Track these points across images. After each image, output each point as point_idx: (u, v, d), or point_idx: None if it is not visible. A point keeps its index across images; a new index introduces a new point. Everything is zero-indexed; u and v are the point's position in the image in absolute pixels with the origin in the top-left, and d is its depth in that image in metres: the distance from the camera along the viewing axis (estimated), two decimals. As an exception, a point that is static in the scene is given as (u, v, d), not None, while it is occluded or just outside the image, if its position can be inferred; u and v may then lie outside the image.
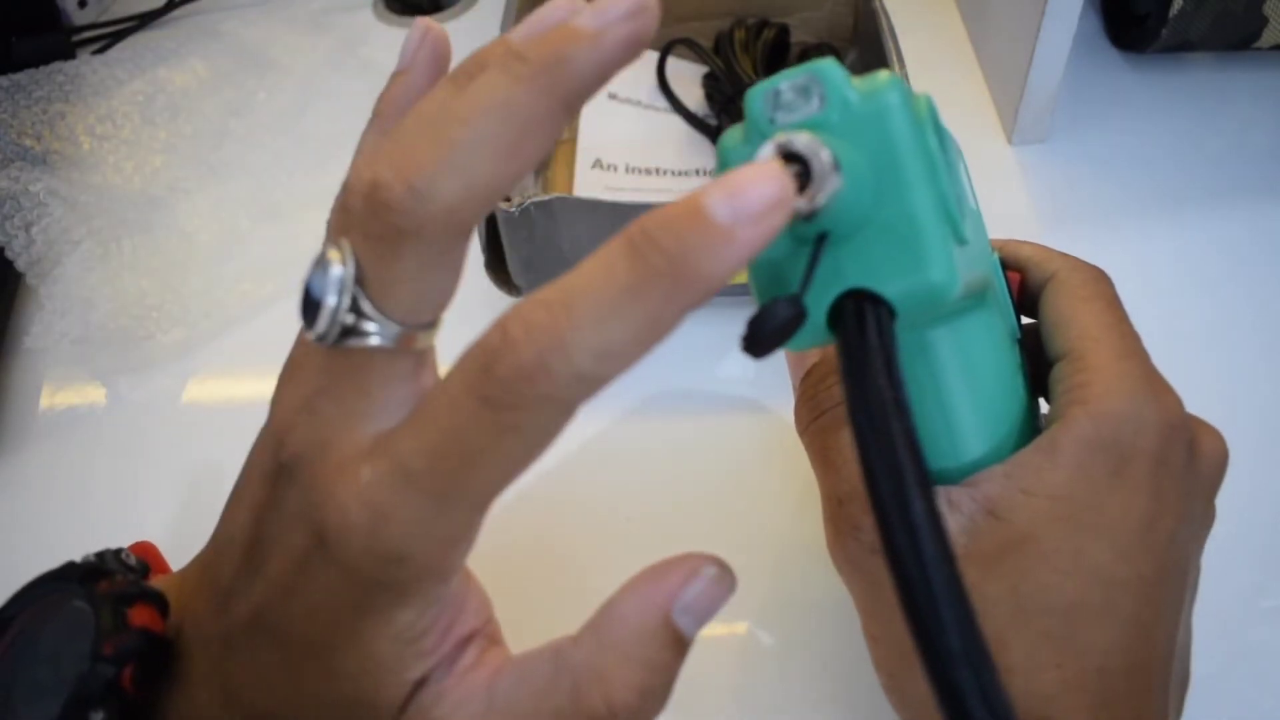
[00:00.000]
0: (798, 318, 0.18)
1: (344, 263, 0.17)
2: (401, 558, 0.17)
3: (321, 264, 0.17)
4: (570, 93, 0.17)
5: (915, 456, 0.16)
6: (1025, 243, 0.28)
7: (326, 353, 0.18)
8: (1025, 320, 0.28)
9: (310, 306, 0.17)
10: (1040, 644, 0.23)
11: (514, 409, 0.16)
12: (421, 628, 0.19)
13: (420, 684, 0.19)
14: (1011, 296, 0.27)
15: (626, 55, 0.17)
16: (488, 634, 0.21)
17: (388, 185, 0.17)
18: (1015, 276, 0.28)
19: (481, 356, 0.16)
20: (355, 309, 0.17)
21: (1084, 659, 0.22)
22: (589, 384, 0.16)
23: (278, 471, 0.19)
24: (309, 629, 0.19)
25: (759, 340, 0.17)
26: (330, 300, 0.17)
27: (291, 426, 0.19)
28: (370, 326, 0.17)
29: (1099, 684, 0.22)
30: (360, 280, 0.17)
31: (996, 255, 0.27)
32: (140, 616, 0.20)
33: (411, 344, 0.18)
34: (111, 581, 0.21)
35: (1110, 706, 0.22)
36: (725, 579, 0.20)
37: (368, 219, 0.17)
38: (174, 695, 0.21)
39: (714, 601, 0.20)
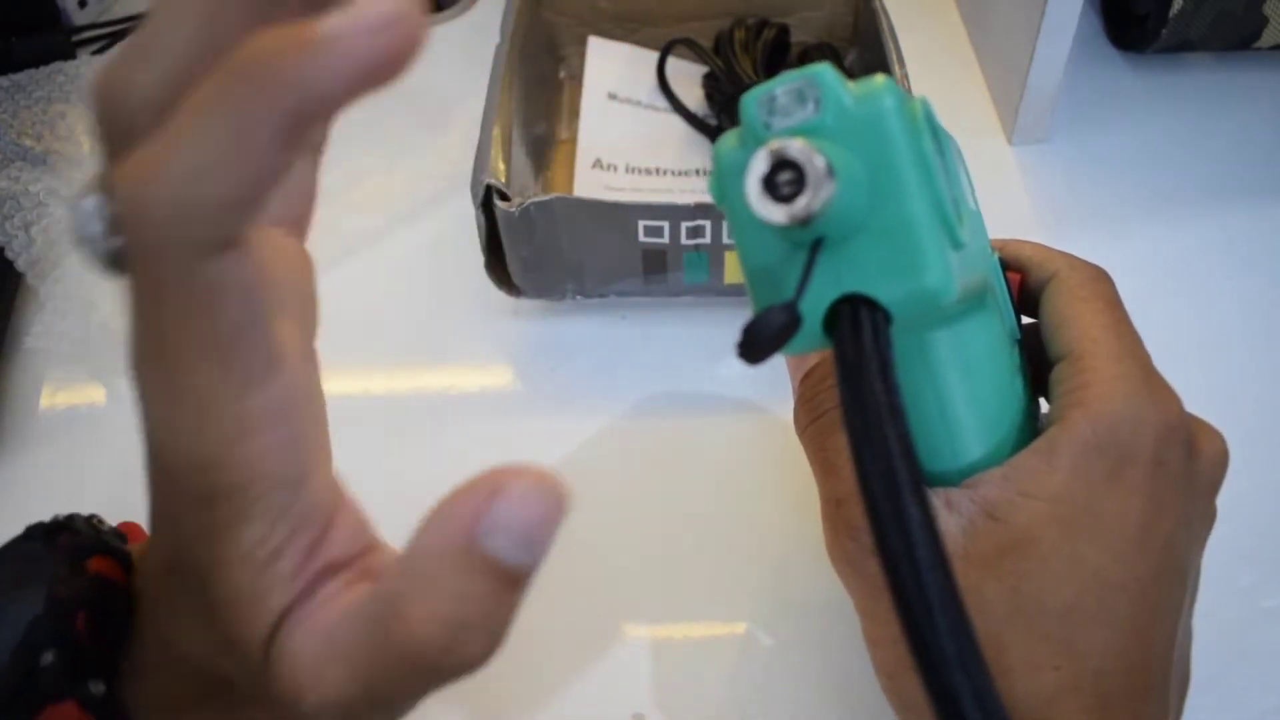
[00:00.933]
0: (792, 325, 0.18)
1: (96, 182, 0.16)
2: (207, 463, 0.16)
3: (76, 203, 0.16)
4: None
5: (910, 462, 0.16)
6: (1026, 243, 0.28)
7: None
8: (1026, 320, 0.28)
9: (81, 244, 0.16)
10: (1038, 646, 0.23)
11: (146, 260, 0.15)
12: (273, 546, 0.17)
13: (284, 617, 0.17)
14: (1011, 297, 0.27)
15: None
16: (363, 567, 0.19)
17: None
18: (1016, 277, 0.28)
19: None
20: (103, 216, 0.16)
21: (1082, 661, 0.22)
22: (195, 210, 0.14)
23: None
24: (189, 559, 0.17)
25: (754, 347, 0.17)
26: (86, 205, 0.16)
27: None
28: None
29: (1097, 686, 0.22)
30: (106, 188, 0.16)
31: (997, 256, 0.27)
32: (97, 565, 0.20)
33: None
34: (74, 535, 0.21)
35: (1109, 708, 0.22)
36: (545, 494, 0.16)
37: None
38: (127, 647, 0.21)
39: (536, 521, 0.16)
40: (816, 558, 0.35)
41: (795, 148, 0.17)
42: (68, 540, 0.21)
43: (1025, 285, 0.28)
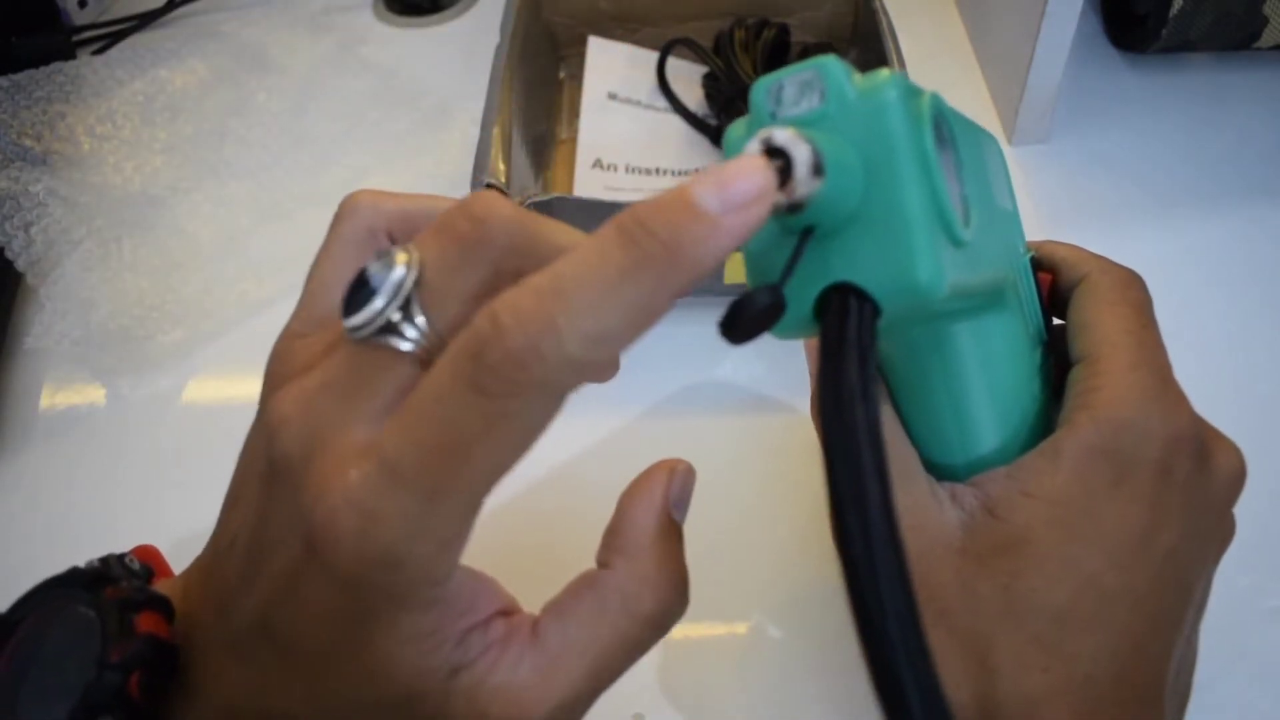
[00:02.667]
0: (775, 308, 0.18)
1: (409, 266, 0.18)
2: (393, 562, 0.17)
3: (387, 260, 0.18)
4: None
5: (875, 449, 0.16)
6: (1061, 244, 0.28)
7: (348, 346, 0.18)
8: (1056, 322, 0.28)
9: (359, 296, 0.17)
10: (1028, 646, 0.22)
11: (506, 396, 0.16)
12: (429, 628, 0.19)
13: (458, 667, 0.19)
14: (1040, 298, 0.27)
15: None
16: (506, 609, 0.21)
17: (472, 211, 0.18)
18: (1047, 278, 0.28)
19: (471, 344, 0.16)
20: (404, 308, 0.17)
21: (1072, 665, 0.22)
22: (580, 369, 0.16)
23: (269, 471, 0.19)
24: (315, 636, 0.18)
25: (736, 326, 0.17)
26: (381, 299, 0.17)
27: (284, 421, 0.18)
28: (410, 330, 0.18)
29: (1085, 691, 0.22)
30: (418, 283, 0.18)
31: (1030, 255, 0.27)
32: (147, 623, 0.20)
33: (435, 354, 0.18)
34: (117, 587, 0.21)
35: (1097, 715, 0.22)
36: (691, 472, 0.23)
37: (451, 225, 0.18)
38: (180, 702, 0.21)
39: (690, 492, 0.23)
40: (817, 553, 0.35)
41: (782, 136, 0.17)
42: (113, 594, 0.21)
43: (1056, 286, 0.27)
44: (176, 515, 0.39)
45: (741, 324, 0.17)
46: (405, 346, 0.18)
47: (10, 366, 0.44)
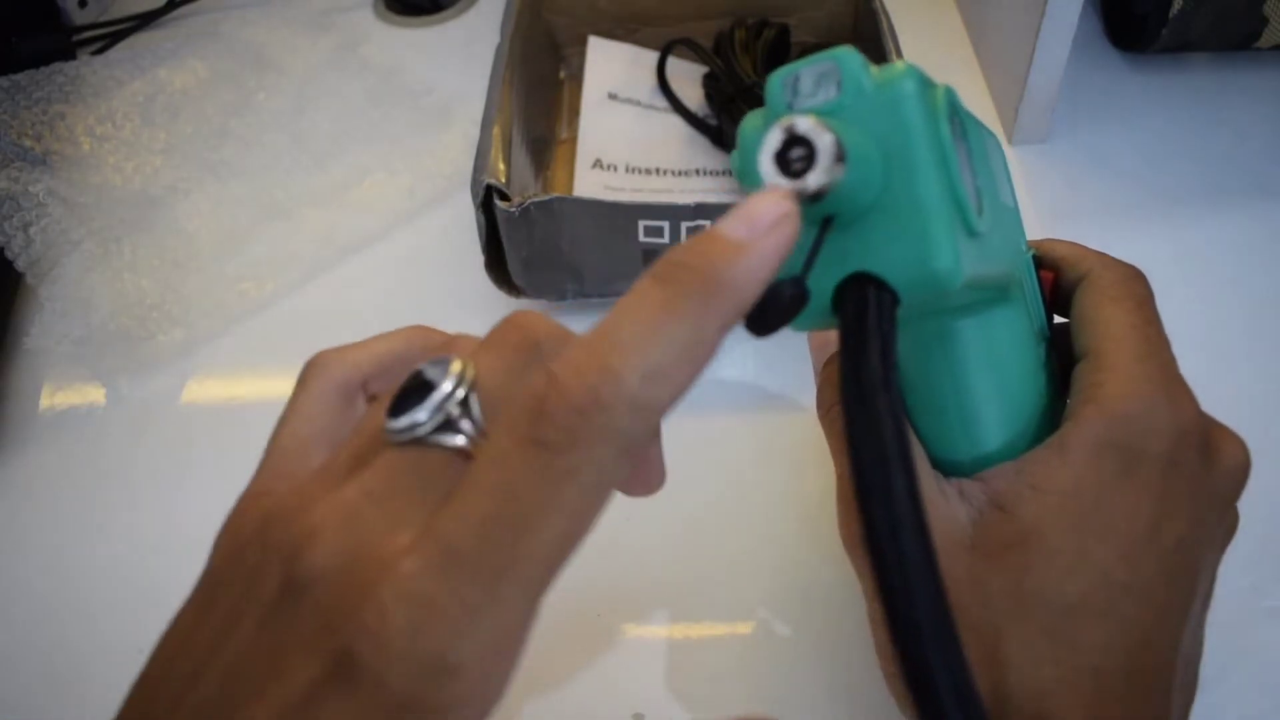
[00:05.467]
0: (798, 299, 0.18)
1: (465, 365, 0.18)
2: (448, 666, 0.15)
3: (443, 364, 0.18)
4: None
5: (900, 436, 0.16)
6: (1061, 242, 0.28)
7: (391, 452, 0.17)
8: (1059, 320, 0.28)
9: (414, 396, 0.17)
10: (1038, 639, 0.23)
11: (569, 448, 0.15)
12: None
13: None
14: (1043, 295, 0.27)
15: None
16: None
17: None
18: (1049, 275, 0.28)
19: (529, 402, 0.16)
20: (464, 404, 0.17)
21: (1081, 658, 0.22)
22: (643, 411, 0.16)
23: (285, 589, 0.16)
24: None
25: (761, 320, 0.17)
26: (448, 384, 0.17)
27: (315, 535, 0.16)
28: (466, 425, 0.17)
29: (1095, 683, 0.22)
30: (474, 385, 0.18)
31: (1032, 253, 0.27)
32: None
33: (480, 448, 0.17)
34: None
35: (1106, 706, 0.22)
36: None
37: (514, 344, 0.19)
38: None
39: None
40: (819, 550, 0.35)
41: (805, 125, 0.17)
42: None
43: (1058, 284, 0.28)
44: (176, 516, 0.39)
45: (767, 317, 0.17)
46: (459, 441, 0.17)
47: (10, 366, 0.44)
